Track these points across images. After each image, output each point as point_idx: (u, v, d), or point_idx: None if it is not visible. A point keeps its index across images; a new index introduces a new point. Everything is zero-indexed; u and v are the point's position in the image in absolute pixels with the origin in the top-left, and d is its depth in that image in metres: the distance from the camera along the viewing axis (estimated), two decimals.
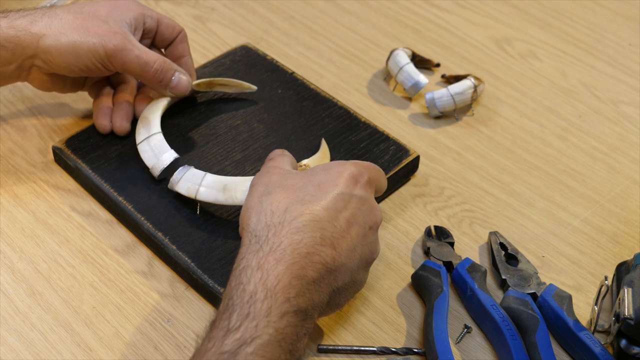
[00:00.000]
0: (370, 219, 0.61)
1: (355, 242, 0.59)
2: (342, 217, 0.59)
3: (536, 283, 0.67)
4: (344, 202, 0.59)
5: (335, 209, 0.59)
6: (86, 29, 0.71)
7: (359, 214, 0.60)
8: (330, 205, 0.59)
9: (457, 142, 0.82)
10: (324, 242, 0.57)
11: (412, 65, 0.86)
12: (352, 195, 0.60)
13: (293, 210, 0.58)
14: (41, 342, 0.64)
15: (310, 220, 0.57)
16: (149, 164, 0.73)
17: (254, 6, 0.99)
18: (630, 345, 0.61)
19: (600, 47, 0.94)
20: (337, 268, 0.57)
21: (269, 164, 0.65)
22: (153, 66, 0.73)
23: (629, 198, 0.77)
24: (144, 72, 0.73)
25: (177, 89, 0.76)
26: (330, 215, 0.58)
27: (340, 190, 0.60)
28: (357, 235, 0.59)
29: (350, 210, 0.59)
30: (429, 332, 0.62)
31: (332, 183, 0.60)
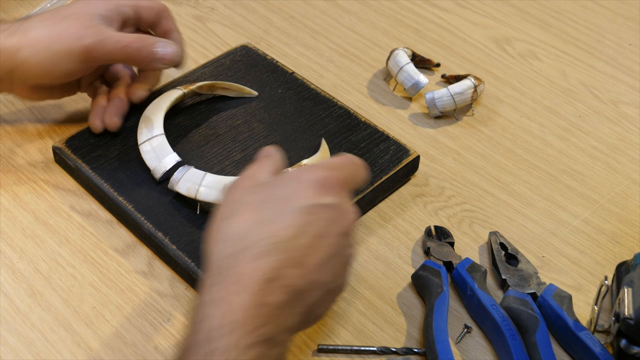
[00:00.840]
0: (342, 225, 0.56)
1: (326, 255, 0.55)
2: (308, 233, 0.54)
3: (536, 283, 0.67)
4: (309, 215, 0.55)
5: (299, 224, 0.54)
6: (59, 34, 0.71)
7: (328, 224, 0.55)
8: (293, 223, 0.54)
9: (457, 142, 0.82)
10: (289, 264, 0.53)
11: (412, 65, 0.86)
12: (319, 205, 0.55)
13: (253, 234, 0.54)
14: (41, 342, 0.64)
15: (272, 244, 0.53)
16: (151, 165, 0.73)
17: (254, 6, 0.99)
18: (630, 345, 0.61)
19: (600, 47, 0.94)
20: (307, 287, 0.54)
21: (244, 172, 0.60)
22: (132, 45, 0.72)
23: (629, 198, 0.77)
24: (128, 55, 0.73)
25: (168, 58, 0.74)
26: (293, 233, 0.54)
27: (304, 204, 0.55)
28: (328, 247, 0.55)
29: (317, 222, 0.55)
30: (429, 332, 0.62)
31: (295, 196, 0.55)
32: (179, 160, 0.73)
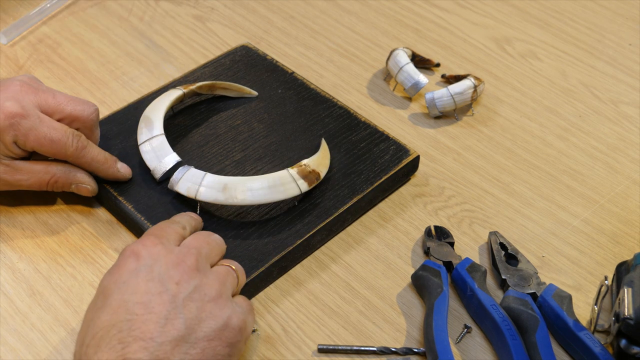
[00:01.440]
0: (172, 276, 0.56)
1: (164, 314, 0.54)
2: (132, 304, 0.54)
3: (536, 283, 0.67)
4: (129, 288, 0.55)
5: (123, 302, 0.54)
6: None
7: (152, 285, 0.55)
8: (117, 304, 0.54)
9: (457, 142, 0.82)
10: (126, 342, 0.52)
11: (412, 65, 0.86)
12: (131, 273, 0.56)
13: (85, 337, 0.54)
14: (41, 342, 0.64)
15: (102, 335, 0.53)
16: (151, 165, 0.73)
17: (254, 6, 0.99)
18: (630, 345, 0.61)
19: (600, 47, 0.94)
20: (155, 354, 0.52)
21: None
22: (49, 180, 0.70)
23: (629, 198, 0.77)
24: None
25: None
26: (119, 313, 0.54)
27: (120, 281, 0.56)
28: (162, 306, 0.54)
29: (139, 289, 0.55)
30: (429, 332, 0.62)
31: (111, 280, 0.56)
32: (179, 160, 0.73)
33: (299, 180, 0.70)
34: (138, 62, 0.90)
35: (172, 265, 0.57)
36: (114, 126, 0.79)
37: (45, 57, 0.90)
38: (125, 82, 0.87)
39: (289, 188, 0.70)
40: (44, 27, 0.94)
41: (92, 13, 0.97)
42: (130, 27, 0.95)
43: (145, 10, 0.97)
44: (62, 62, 0.90)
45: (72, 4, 0.98)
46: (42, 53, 0.91)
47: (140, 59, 0.90)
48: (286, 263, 0.69)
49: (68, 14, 0.96)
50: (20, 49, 0.91)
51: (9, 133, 0.66)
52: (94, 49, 0.92)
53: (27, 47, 0.92)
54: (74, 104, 0.70)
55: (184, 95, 0.79)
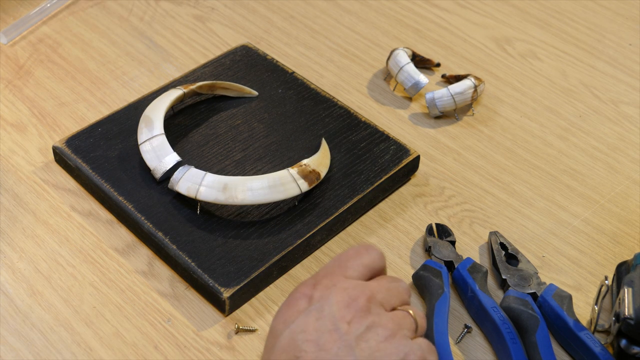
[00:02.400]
0: (343, 316, 0.53)
1: (335, 351, 0.52)
2: (301, 342, 0.52)
3: (536, 283, 0.67)
4: (299, 328, 0.53)
5: (294, 341, 0.52)
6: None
7: (322, 324, 0.53)
8: (288, 344, 0.52)
9: (458, 142, 0.82)
10: None
11: (412, 65, 0.86)
12: (303, 314, 0.53)
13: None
14: (41, 342, 0.64)
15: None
16: (151, 165, 0.73)
17: (254, 6, 0.99)
18: (630, 345, 0.61)
19: (600, 47, 0.94)
20: None
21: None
22: None
23: (629, 198, 0.77)
24: None
25: None
26: (291, 352, 0.52)
27: (290, 321, 0.53)
28: (333, 344, 0.52)
29: (308, 329, 0.52)
30: (430, 334, 0.62)
31: (282, 321, 0.54)
32: (179, 160, 0.73)
33: (299, 180, 0.70)
34: (138, 62, 0.90)
35: (343, 305, 0.54)
36: (114, 126, 0.79)
37: (46, 57, 0.90)
38: (126, 82, 0.87)
39: (289, 188, 0.70)
40: (44, 27, 0.94)
41: (92, 13, 0.97)
42: (131, 27, 0.95)
43: (146, 10, 0.97)
44: (62, 62, 0.90)
45: (72, 4, 0.98)
46: (42, 53, 0.91)
47: (140, 58, 0.90)
48: (286, 263, 0.69)
49: (68, 13, 0.96)
50: (21, 49, 0.91)
51: None
52: (94, 48, 0.92)
53: (27, 47, 0.92)
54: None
55: (184, 95, 0.79)
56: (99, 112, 0.83)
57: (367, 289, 0.55)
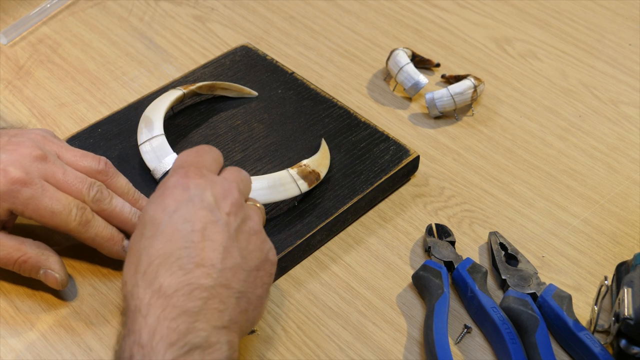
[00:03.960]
0: (222, 207, 0.56)
1: (221, 242, 0.54)
2: (189, 232, 0.54)
3: (536, 283, 0.67)
4: (182, 217, 0.54)
5: (178, 231, 0.54)
6: None
7: (206, 214, 0.55)
8: (171, 233, 0.54)
9: (457, 142, 0.82)
10: (187, 268, 0.52)
11: (412, 65, 0.86)
12: (187, 202, 0.55)
13: (140, 266, 0.53)
14: (41, 341, 0.64)
15: (160, 262, 0.53)
16: (151, 166, 0.73)
17: (254, 6, 0.99)
18: (630, 345, 0.61)
19: (600, 47, 0.94)
20: (221, 278, 0.53)
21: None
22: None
23: (629, 198, 0.77)
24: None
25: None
26: (176, 241, 0.54)
27: (173, 210, 0.55)
28: (218, 235, 0.54)
29: (193, 218, 0.54)
30: (429, 334, 0.62)
31: (160, 210, 0.55)
32: None
33: (299, 181, 0.70)
34: (138, 63, 0.90)
35: (220, 196, 0.57)
36: (114, 126, 0.79)
37: (45, 58, 0.90)
38: (125, 82, 0.87)
39: (289, 188, 0.70)
40: (44, 28, 0.94)
41: (92, 13, 0.97)
42: (130, 28, 0.95)
43: (145, 10, 0.97)
44: (62, 62, 0.90)
45: (72, 4, 0.98)
46: (42, 53, 0.91)
47: (140, 59, 0.90)
48: (286, 263, 0.69)
49: (68, 14, 0.96)
50: (21, 49, 0.91)
51: (6, 200, 0.62)
52: (94, 49, 0.92)
53: (27, 47, 0.92)
54: (80, 165, 0.66)
55: (184, 95, 0.79)
56: (99, 112, 0.83)
57: (234, 182, 0.59)
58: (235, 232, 0.56)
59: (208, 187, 0.57)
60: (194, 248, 0.53)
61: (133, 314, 0.52)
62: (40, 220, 0.64)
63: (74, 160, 0.67)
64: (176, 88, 0.80)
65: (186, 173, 0.57)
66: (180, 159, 0.60)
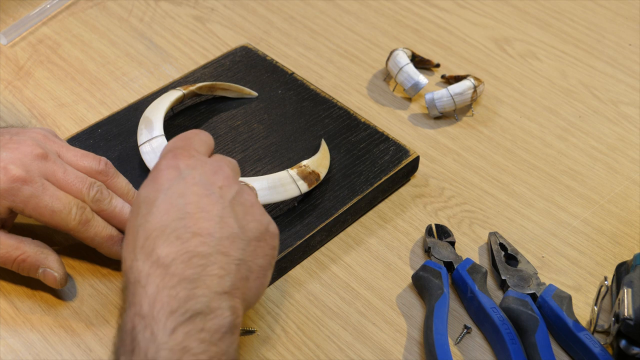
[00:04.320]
0: (215, 181, 0.57)
1: (216, 213, 0.55)
2: (183, 205, 0.54)
3: (536, 283, 0.67)
4: (176, 193, 0.55)
5: (172, 205, 0.55)
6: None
7: (199, 189, 0.56)
8: (166, 207, 0.55)
9: (457, 143, 0.82)
10: (184, 237, 0.53)
11: (412, 65, 0.86)
12: (179, 180, 0.56)
13: (137, 241, 0.54)
14: (41, 342, 0.64)
15: (157, 235, 0.53)
16: (151, 166, 0.73)
17: (254, 6, 0.99)
18: (630, 345, 0.61)
19: (600, 47, 0.94)
20: (219, 246, 0.54)
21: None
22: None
23: (629, 198, 0.77)
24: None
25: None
26: (171, 214, 0.54)
27: (167, 187, 0.56)
28: (213, 206, 0.55)
29: (187, 193, 0.55)
30: (429, 335, 0.62)
31: (154, 189, 0.56)
32: None
33: (299, 181, 0.70)
34: (138, 63, 0.90)
35: (211, 172, 0.58)
36: (114, 127, 0.79)
37: (45, 58, 0.90)
38: (125, 83, 0.87)
39: (288, 189, 0.70)
40: (44, 28, 0.94)
41: (92, 14, 0.97)
42: (130, 28, 0.95)
43: (145, 10, 0.97)
44: (62, 62, 0.90)
45: (72, 5, 0.98)
46: (42, 54, 0.91)
47: (140, 59, 0.91)
48: (286, 264, 0.69)
49: (68, 14, 0.97)
50: (21, 50, 0.91)
51: (7, 198, 0.63)
52: (94, 49, 0.92)
53: (27, 47, 0.92)
54: (81, 165, 0.67)
55: (184, 96, 0.79)
56: (99, 113, 0.83)
57: (222, 161, 0.60)
58: (230, 204, 0.56)
59: (198, 165, 0.58)
60: (190, 219, 0.54)
61: (133, 287, 0.52)
62: (40, 218, 0.64)
63: (75, 159, 0.67)
64: (176, 88, 0.80)
65: (175, 155, 0.58)
66: (169, 145, 0.61)
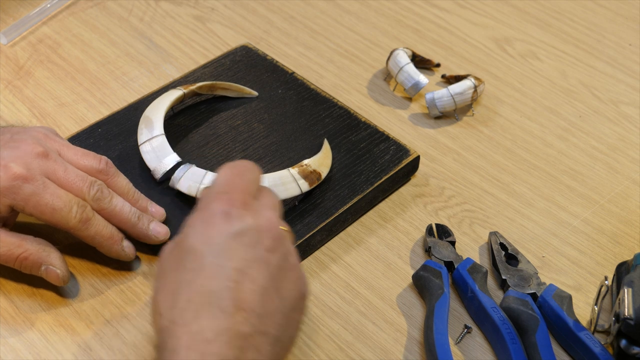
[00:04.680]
0: (262, 243, 0.54)
1: (262, 283, 0.53)
2: (230, 270, 0.52)
3: (536, 283, 0.67)
4: (224, 253, 0.53)
5: (219, 268, 0.52)
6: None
7: (248, 250, 0.54)
8: (212, 269, 0.52)
9: (457, 142, 0.82)
10: (227, 311, 0.51)
11: (412, 65, 0.86)
12: (229, 237, 0.54)
13: (179, 301, 0.52)
14: (41, 342, 0.64)
15: (201, 301, 0.51)
16: (151, 166, 0.73)
17: (254, 6, 0.99)
18: (630, 345, 0.61)
19: (600, 47, 0.94)
20: (259, 325, 0.52)
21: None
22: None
23: (629, 198, 0.77)
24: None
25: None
26: (217, 279, 0.52)
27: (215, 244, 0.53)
28: (259, 274, 0.53)
29: (235, 255, 0.53)
30: (429, 335, 0.62)
31: (202, 241, 0.54)
32: (179, 160, 0.73)
33: (300, 180, 0.70)
34: (138, 63, 0.90)
35: (264, 230, 0.55)
36: (114, 126, 0.79)
37: (46, 58, 0.90)
38: (125, 83, 0.87)
39: (289, 188, 0.70)
40: (44, 28, 0.94)
41: (92, 13, 0.97)
42: (130, 28, 0.95)
43: (145, 10, 0.97)
44: (62, 62, 0.90)
45: (72, 5, 0.98)
46: (42, 53, 0.91)
47: (140, 59, 0.90)
48: None
49: (68, 14, 0.96)
50: (21, 50, 0.91)
51: (7, 195, 0.62)
52: (94, 49, 0.92)
53: (27, 47, 0.92)
54: (81, 163, 0.66)
55: (184, 95, 0.79)
56: (99, 112, 0.83)
57: (273, 209, 0.58)
58: (274, 271, 0.54)
59: (251, 219, 0.55)
60: (235, 289, 0.52)
61: (170, 355, 0.50)
62: (40, 217, 0.64)
63: (75, 158, 0.67)
64: (176, 88, 0.80)
65: (230, 200, 0.56)
66: (223, 180, 0.58)
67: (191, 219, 0.56)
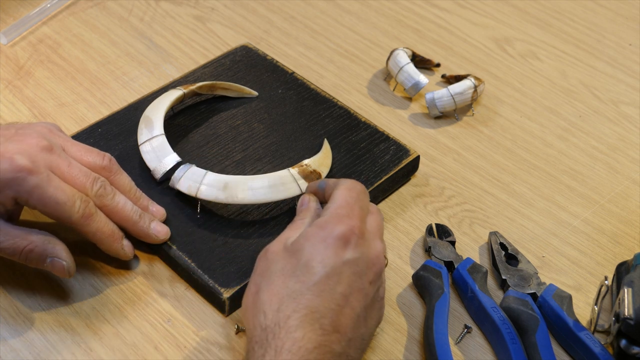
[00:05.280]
0: (368, 274, 0.58)
1: (358, 312, 0.57)
2: (337, 294, 0.56)
3: (536, 283, 0.67)
4: (336, 277, 0.57)
5: (328, 289, 0.56)
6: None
7: (355, 279, 0.57)
8: (322, 289, 0.56)
9: (457, 142, 0.82)
10: (326, 330, 0.55)
11: (412, 65, 0.86)
12: (343, 263, 0.57)
13: (285, 308, 0.55)
14: (41, 342, 0.64)
15: (306, 314, 0.55)
16: (151, 166, 0.73)
17: (254, 6, 0.99)
18: (630, 345, 0.61)
19: (600, 47, 0.94)
20: (347, 347, 0.56)
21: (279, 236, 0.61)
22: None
23: (629, 198, 0.77)
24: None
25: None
26: (324, 299, 0.56)
27: (330, 266, 0.57)
28: (358, 303, 0.57)
29: (344, 281, 0.57)
30: (429, 334, 0.62)
31: (318, 259, 0.57)
32: (179, 160, 0.73)
33: (300, 180, 0.70)
34: (138, 63, 0.90)
35: (372, 263, 0.59)
36: (114, 126, 0.79)
37: (46, 58, 0.90)
38: (126, 83, 0.87)
39: (289, 188, 0.70)
40: (44, 28, 0.94)
41: (93, 13, 0.97)
42: (131, 28, 0.95)
43: (146, 10, 0.97)
44: (62, 62, 0.90)
45: (72, 4, 0.98)
46: (43, 53, 0.91)
47: (140, 59, 0.90)
48: None
49: (68, 14, 0.96)
50: (21, 49, 0.91)
51: (12, 187, 0.62)
52: (94, 49, 0.92)
53: (28, 47, 0.92)
54: (85, 160, 0.67)
55: (184, 95, 0.79)
56: (99, 112, 0.83)
57: (381, 239, 0.62)
58: (370, 301, 0.59)
59: (364, 251, 0.59)
60: (337, 312, 0.56)
61: (274, 353, 0.54)
62: (43, 210, 0.63)
63: (79, 154, 0.67)
64: (176, 88, 0.80)
65: (350, 228, 0.58)
66: (344, 202, 0.61)
67: (309, 231, 0.59)
